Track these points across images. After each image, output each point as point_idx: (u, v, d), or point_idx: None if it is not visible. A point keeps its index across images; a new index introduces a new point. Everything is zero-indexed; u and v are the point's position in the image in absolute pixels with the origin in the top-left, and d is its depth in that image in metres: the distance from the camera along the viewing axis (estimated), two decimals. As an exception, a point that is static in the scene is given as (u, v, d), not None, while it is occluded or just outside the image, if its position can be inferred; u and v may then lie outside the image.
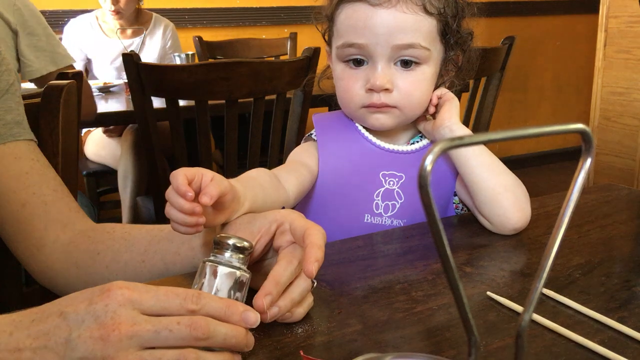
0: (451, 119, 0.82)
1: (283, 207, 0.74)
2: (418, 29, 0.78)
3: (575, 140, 4.01)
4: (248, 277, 0.54)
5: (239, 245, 0.53)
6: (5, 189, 0.72)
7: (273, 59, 2.77)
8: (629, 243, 0.77)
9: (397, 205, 0.85)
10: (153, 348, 0.44)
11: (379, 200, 0.85)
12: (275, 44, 2.91)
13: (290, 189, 0.78)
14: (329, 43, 0.88)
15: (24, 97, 0.84)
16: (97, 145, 2.41)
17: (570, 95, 4.08)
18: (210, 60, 2.59)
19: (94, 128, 2.43)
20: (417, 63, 0.80)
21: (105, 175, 2.38)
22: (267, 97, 1.61)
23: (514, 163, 3.97)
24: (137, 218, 2.19)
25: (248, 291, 0.54)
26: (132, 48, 2.47)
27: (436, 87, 0.87)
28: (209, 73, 1.50)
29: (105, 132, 2.38)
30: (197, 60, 2.44)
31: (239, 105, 1.56)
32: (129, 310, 0.44)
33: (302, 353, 0.50)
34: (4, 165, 0.72)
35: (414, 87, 0.80)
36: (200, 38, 2.76)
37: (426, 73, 0.81)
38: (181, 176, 0.55)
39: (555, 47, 3.94)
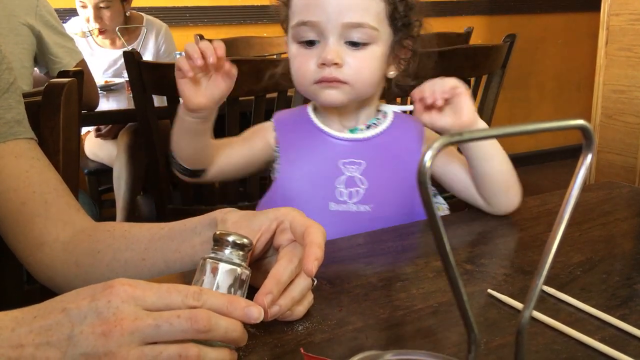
0: (477, 120, 0.83)
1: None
2: (366, 8, 0.83)
3: (576, 137, 4.01)
4: (248, 274, 0.54)
5: (238, 242, 0.53)
6: (6, 188, 0.72)
7: (274, 57, 2.77)
8: (630, 241, 0.77)
9: (362, 191, 0.87)
10: (156, 343, 0.44)
11: (342, 187, 0.87)
12: (276, 42, 2.91)
13: (219, 154, 0.91)
14: (286, 30, 0.91)
15: (25, 96, 0.84)
16: (94, 146, 2.40)
17: (571, 93, 4.08)
18: (211, 59, 2.58)
19: (92, 128, 2.42)
20: (365, 43, 0.84)
21: (107, 173, 2.38)
22: (268, 96, 1.61)
23: (515, 161, 3.95)
24: (130, 219, 2.19)
25: (248, 289, 0.54)
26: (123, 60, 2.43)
27: (387, 71, 0.89)
28: (209, 71, 1.49)
29: (98, 135, 2.36)
30: (198, 59, 2.43)
31: (240, 104, 1.56)
32: (132, 306, 0.44)
33: (302, 351, 0.50)
34: (4, 164, 0.72)
35: (363, 63, 0.84)
36: (201, 36, 2.75)
37: (376, 52, 0.85)
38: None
39: (557, 45, 3.93)
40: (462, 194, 0.89)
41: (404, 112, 0.94)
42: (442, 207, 0.94)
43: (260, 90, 1.57)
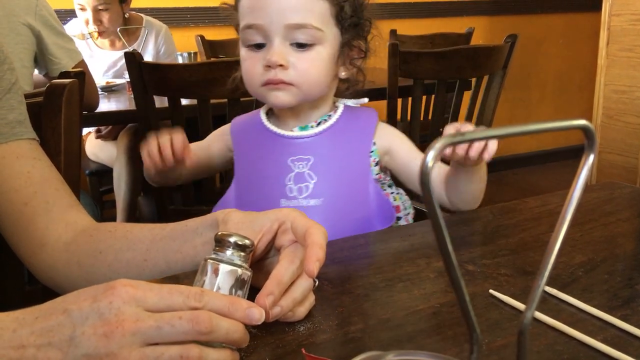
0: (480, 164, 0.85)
1: None
2: (309, 9, 0.82)
3: (577, 138, 4.00)
4: (249, 275, 0.54)
5: (240, 243, 0.53)
6: (7, 188, 0.72)
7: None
8: (632, 241, 0.76)
9: (311, 186, 0.88)
10: (157, 345, 0.44)
11: (291, 184, 0.88)
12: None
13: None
14: (238, 33, 0.91)
15: (26, 96, 0.84)
16: (94, 147, 2.40)
17: (572, 94, 4.07)
18: (213, 59, 2.58)
19: (93, 129, 2.42)
20: (311, 45, 0.84)
21: (108, 174, 2.38)
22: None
23: (516, 161, 3.98)
24: (131, 219, 2.20)
25: (250, 289, 0.54)
26: (123, 62, 2.41)
27: (338, 72, 0.89)
28: (211, 72, 1.50)
29: (98, 137, 2.35)
30: (199, 59, 2.43)
31: (241, 104, 1.56)
32: (133, 307, 0.44)
33: (304, 351, 0.50)
34: (5, 165, 0.72)
35: (309, 64, 0.84)
36: (202, 37, 2.75)
37: (322, 53, 0.85)
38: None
39: (558, 45, 3.93)
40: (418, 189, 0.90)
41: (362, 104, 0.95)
42: (398, 197, 0.95)
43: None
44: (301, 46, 0.83)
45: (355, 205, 0.88)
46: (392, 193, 0.94)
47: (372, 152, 0.91)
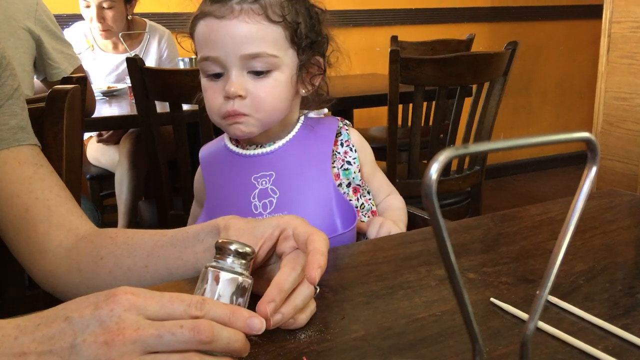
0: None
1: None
2: (262, 38, 0.82)
3: (578, 144, 4.00)
4: (250, 283, 0.54)
5: (241, 250, 0.53)
6: (9, 194, 0.72)
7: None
8: (633, 249, 0.76)
9: (275, 201, 0.87)
10: (158, 353, 0.44)
11: (256, 201, 0.88)
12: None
13: None
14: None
15: (28, 102, 0.84)
16: (96, 151, 2.40)
17: (573, 100, 4.08)
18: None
19: (94, 133, 2.43)
20: (268, 71, 0.83)
21: (109, 179, 2.39)
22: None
23: (517, 167, 3.98)
24: (132, 224, 2.20)
25: (251, 297, 0.54)
26: (125, 65, 2.41)
27: (299, 91, 0.89)
28: (212, 77, 1.50)
29: (100, 141, 2.36)
30: (200, 65, 2.43)
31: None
32: (134, 315, 0.44)
33: (305, 359, 0.50)
34: (7, 170, 0.73)
35: (266, 92, 0.83)
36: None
37: (279, 79, 0.84)
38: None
39: (559, 52, 3.94)
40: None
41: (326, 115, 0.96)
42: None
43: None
44: (258, 73, 0.83)
45: (317, 213, 0.87)
46: (370, 199, 0.97)
47: (354, 158, 0.93)
